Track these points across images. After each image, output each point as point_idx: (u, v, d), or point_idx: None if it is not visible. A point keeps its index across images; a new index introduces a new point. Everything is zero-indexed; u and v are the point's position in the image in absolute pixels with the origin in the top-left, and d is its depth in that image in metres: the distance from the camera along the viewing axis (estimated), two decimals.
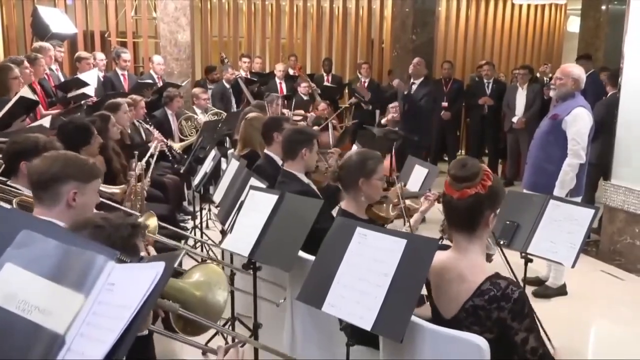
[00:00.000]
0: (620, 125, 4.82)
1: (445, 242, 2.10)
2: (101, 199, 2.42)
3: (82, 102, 5.33)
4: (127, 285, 1.16)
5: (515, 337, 1.72)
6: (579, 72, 4.04)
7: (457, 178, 1.82)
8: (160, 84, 6.89)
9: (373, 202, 2.75)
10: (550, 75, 8.35)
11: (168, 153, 5.64)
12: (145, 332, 1.67)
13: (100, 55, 6.83)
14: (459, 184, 1.80)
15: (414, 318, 1.77)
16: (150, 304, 1.12)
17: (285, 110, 6.77)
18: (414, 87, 6.45)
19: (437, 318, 1.88)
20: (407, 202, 3.05)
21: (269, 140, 3.69)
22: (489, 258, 1.96)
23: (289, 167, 3.22)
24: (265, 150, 3.73)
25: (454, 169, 1.84)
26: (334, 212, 2.86)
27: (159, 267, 1.17)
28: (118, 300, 1.14)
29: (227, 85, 7.52)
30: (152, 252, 2.59)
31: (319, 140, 3.86)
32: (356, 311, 1.79)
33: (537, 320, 1.79)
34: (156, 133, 5.48)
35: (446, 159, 8.83)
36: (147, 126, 5.56)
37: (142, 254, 1.38)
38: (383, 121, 6.78)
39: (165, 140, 5.60)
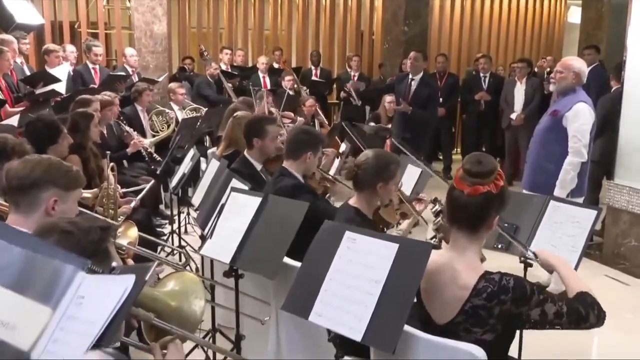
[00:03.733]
0: (624, 122, 4.87)
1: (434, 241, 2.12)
2: None
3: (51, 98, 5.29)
4: (96, 299, 1.14)
5: (530, 317, 1.78)
6: (581, 65, 4.07)
7: (471, 173, 1.87)
8: (135, 78, 6.85)
9: (382, 205, 2.79)
10: (549, 68, 8.42)
11: (145, 155, 5.61)
12: (117, 344, 1.66)
13: (70, 48, 6.77)
14: (472, 179, 1.85)
15: (406, 327, 1.77)
16: (118, 320, 1.10)
17: (273, 109, 6.75)
18: (414, 83, 6.34)
19: (428, 325, 1.89)
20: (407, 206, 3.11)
21: (250, 143, 3.68)
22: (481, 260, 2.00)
23: (288, 166, 3.24)
24: (245, 153, 3.72)
25: (468, 164, 1.89)
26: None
27: (128, 280, 1.15)
28: (87, 315, 1.12)
29: (211, 80, 7.52)
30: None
31: None
32: (345, 321, 1.79)
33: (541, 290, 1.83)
34: (135, 136, 5.45)
35: (441, 157, 8.87)
36: (127, 128, 5.53)
37: (114, 264, 1.36)
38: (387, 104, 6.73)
39: (145, 146, 5.57)
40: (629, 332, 3.88)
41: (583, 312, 1.83)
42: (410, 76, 6.41)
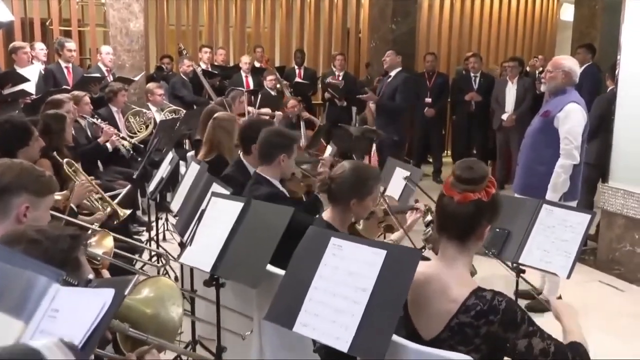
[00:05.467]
0: (618, 123, 4.92)
1: (427, 252, 2.12)
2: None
3: (20, 99, 5.25)
4: (72, 313, 1.13)
5: (516, 347, 1.77)
6: (571, 64, 4.10)
7: (461, 179, 1.86)
8: (110, 78, 6.81)
9: (357, 221, 2.76)
10: (541, 68, 8.49)
11: (121, 148, 5.58)
12: (92, 357, 1.65)
13: (40, 45, 6.71)
14: (462, 185, 1.85)
15: (395, 337, 1.78)
16: (96, 336, 1.09)
17: (250, 108, 6.75)
18: (389, 79, 6.85)
19: (414, 340, 1.87)
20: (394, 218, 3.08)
21: (246, 149, 3.63)
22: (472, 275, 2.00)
23: (262, 172, 3.22)
24: (241, 157, 3.68)
25: (459, 170, 1.89)
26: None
27: (107, 294, 1.15)
28: (61, 330, 1.11)
29: (185, 78, 7.51)
30: (107, 276, 2.56)
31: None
32: (331, 331, 1.79)
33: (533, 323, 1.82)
34: (105, 126, 5.44)
35: (430, 160, 8.91)
36: (94, 120, 5.50)
37: (91, 276, 1.35)
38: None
39: (117, 132, 5.55)
40: (624, 340, 3.91)
41: (570, 358, 1.81)
42: (388, 73, 6.93)
